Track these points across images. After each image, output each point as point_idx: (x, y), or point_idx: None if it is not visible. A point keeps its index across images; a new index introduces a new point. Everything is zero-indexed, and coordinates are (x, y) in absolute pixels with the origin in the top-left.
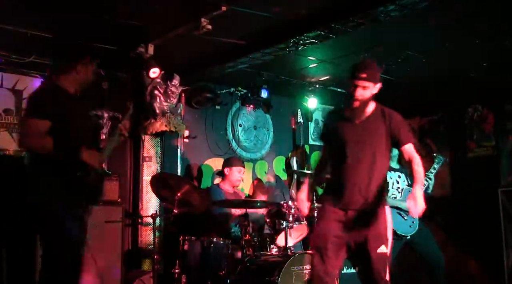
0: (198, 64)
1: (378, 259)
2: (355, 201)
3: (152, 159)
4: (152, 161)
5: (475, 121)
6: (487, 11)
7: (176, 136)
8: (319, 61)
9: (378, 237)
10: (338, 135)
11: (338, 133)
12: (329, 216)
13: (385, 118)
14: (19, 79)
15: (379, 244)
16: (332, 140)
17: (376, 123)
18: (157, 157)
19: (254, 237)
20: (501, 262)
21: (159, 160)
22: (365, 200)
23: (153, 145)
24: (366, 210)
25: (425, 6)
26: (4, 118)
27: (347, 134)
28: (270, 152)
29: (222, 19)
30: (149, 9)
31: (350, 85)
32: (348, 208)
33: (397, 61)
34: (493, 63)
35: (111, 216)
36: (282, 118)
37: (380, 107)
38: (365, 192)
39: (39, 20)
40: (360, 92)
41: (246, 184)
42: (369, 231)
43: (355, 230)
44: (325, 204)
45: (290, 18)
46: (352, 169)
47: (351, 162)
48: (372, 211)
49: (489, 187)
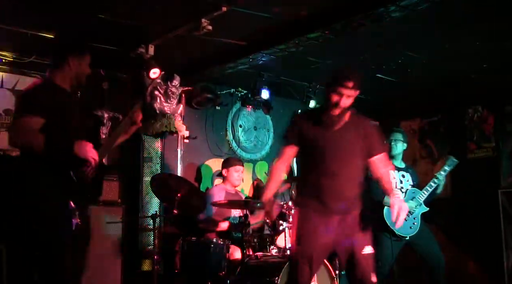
0: (199, 64)
1: (365, 260)
2: (339, 206)
3: (152, 160)
4: (152, 161)
5: (475, 122)
6: (487, 12)
7: (176, 137)
8: (319, 62)
9: (363, 239)
10: (314, 141)
11: (314, 139)
12: (314, 222)
13: (360, 126)
14: (19, 79)
15: (364, 245)
16: (305, 143)
17: (352, 131)
18: (157, 158)
19: (254, 238)
20: (501, 263)
21: (159, 161)
22: (348, 205)
23: (153, 145)
24: (350, 214)
25: (426, 7)
26: (5, 118)
27: (326, 140)
28: (270, 153)
29: (222, 20)
30: (149, 9)
31: (333, 92)
32: (332, 213)
33: (397, 62)
34: (493, 64)
35: (111, 216)
36: (283, 119)
37: (354, 114)
38: (348, 197)
39: (40, 20)
40: (344, 100)
41: (246, 185)
42: (355, 234)
43: (341, 234)
44: (308, 210)
45: (291, 19)
46: (333, 175)
47: (332, 169)
48: (354, 215)
49: (489, 188)
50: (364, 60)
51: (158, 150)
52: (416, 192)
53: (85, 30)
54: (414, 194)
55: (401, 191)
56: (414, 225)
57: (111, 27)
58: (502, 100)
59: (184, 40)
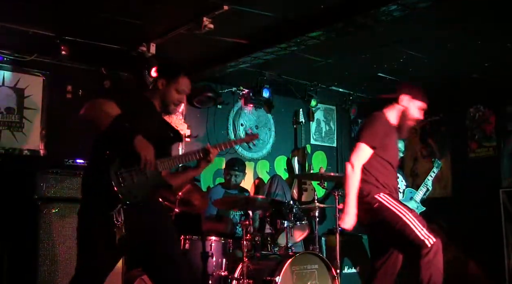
0: (200, 63)
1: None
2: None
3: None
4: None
5: (476, 121)
6: (488, 11)
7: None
8: (321, 61)
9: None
10: (392, 142)
11: (391, 141)
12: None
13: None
14: (20, 77)
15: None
16: (386, 145)
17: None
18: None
19: (255, 237)
20: (502, 262)
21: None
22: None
23: None
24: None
25: (427, 6)
26: (6, 116)
27: (396, 142)
28: (272, 152)
29: (224, 18)
30: (151, 8)
31: (415, 107)
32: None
33: (398, 61)
34: (495, 64)
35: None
36: (284, 118)
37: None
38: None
39: (41, 18)
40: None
41: (248, 184)
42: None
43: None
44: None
45: (292, 18)
46: (394, 171)
47: (394, 166)
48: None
49: (490, 187)
50: (365, 59)
51: None
52: (413, 192)
53: (87, 28)
54: (411, 194)
55: (399, 191)
56: None
57: (113, 26)
58: (503, 100)
59: (185, 38)
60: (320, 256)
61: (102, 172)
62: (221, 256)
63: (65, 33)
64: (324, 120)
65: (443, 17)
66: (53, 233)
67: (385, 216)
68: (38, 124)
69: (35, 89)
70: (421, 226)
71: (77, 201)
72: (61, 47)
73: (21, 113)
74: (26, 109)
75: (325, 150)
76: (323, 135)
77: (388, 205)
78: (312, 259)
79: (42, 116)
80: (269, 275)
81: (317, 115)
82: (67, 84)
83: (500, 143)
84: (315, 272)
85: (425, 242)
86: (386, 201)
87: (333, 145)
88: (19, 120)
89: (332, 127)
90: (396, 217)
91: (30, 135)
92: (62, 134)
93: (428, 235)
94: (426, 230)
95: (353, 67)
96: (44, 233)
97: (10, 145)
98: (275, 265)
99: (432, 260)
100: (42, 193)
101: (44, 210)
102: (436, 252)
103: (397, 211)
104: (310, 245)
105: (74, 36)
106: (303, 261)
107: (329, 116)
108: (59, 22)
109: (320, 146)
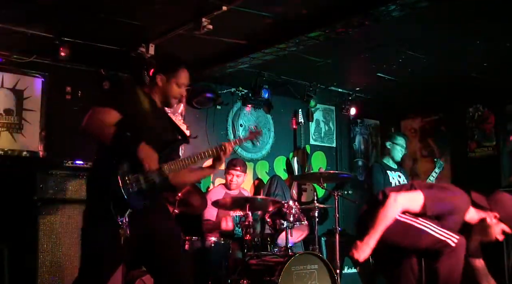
0: (199, 63)
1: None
2: None
3: None
4: None
5: (476, 121)
6: (488, 11)
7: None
8: (320, 61)
9: None
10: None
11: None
12: None
13: None
14: (19, 79)
15: None
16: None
17: None
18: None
19: (254, 237)
20: (502, 262)
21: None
22: None
23: None
24: None
25: (426, 6)
26: (5, 118)
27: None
28: (271, 152)
29: (223, 19)
30: (150, 8)
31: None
32: None
33: (398, 61)
34: (494, 64)
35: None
36: (283, 118)
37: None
38: None
39: (40, 19)
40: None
41: (247, 185)
42: None
43: None
44: None
45: (291, 18)
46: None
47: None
48: None
49: (489, 187)
50: (364, 59)
51: None
52: None
53: (86, 29)
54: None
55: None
56: None
57: (112, 27)
58: (502, 99)
59: (184, 39)
60: (320, 256)
61: (109, 176)
62: (221, 257)
63: (64, 34)
64: (324, 120)
65: (443, 17)
66: (52, 234)
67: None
68: (38, 125)
69: (34, 90)
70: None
71: (77, 202)
72: (60, 48)
73: (20, 115)
74: (25, 110)
75: (324, 151)
76: (322, 135)
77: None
78: (312, 259)
79: (41, 117)
80: (269, 275)
81: (316, 116)
82: (66, 85)
83: (499, 143)
84: (315, 272)
85: (448, 241)
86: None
87: (332, 145)
88: (18, 122)
89: (332, 127)
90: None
91: (30, 136)
92: (62, 136)
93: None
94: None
95: (352, 67)
96: (44, 234)
97: (10, 147)
98: (275, 266)
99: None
100: (42, 194)
101: (43, 211)
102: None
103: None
104: (310, 245)
105: (73, 37)
106: (303, 261)
107: (328, 116)
108: (58, 23)
109: (320, 147)
